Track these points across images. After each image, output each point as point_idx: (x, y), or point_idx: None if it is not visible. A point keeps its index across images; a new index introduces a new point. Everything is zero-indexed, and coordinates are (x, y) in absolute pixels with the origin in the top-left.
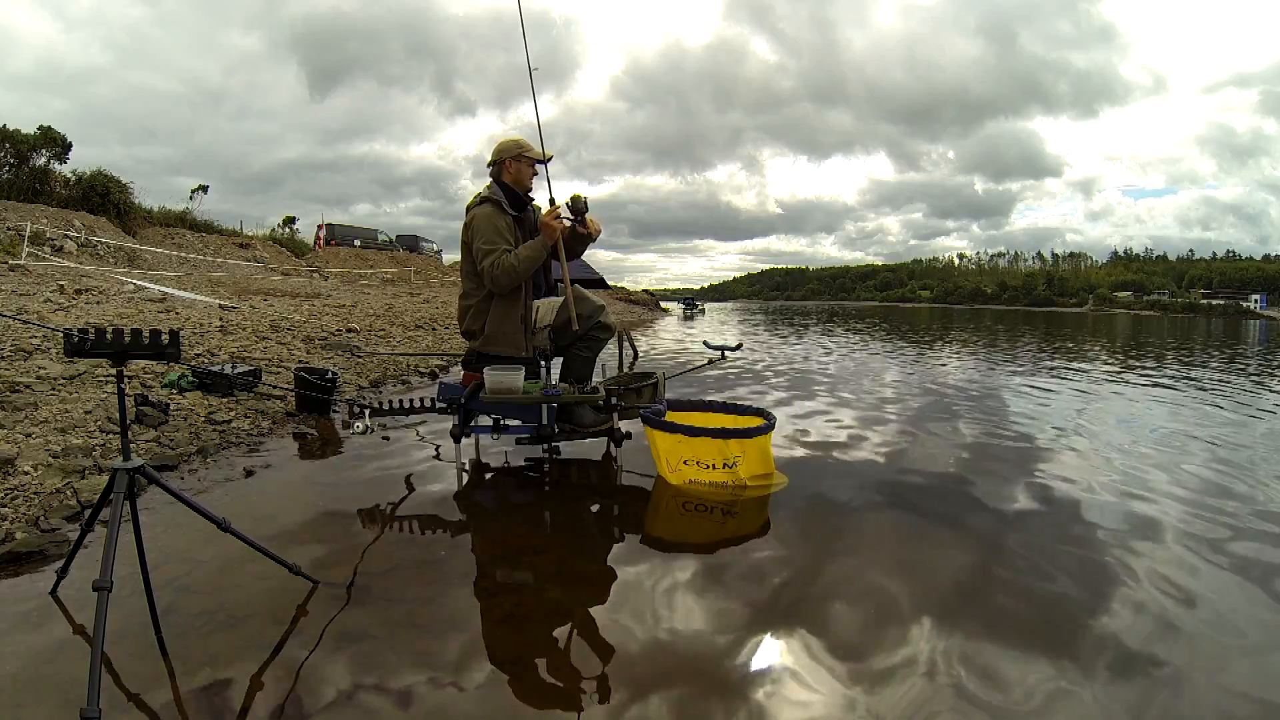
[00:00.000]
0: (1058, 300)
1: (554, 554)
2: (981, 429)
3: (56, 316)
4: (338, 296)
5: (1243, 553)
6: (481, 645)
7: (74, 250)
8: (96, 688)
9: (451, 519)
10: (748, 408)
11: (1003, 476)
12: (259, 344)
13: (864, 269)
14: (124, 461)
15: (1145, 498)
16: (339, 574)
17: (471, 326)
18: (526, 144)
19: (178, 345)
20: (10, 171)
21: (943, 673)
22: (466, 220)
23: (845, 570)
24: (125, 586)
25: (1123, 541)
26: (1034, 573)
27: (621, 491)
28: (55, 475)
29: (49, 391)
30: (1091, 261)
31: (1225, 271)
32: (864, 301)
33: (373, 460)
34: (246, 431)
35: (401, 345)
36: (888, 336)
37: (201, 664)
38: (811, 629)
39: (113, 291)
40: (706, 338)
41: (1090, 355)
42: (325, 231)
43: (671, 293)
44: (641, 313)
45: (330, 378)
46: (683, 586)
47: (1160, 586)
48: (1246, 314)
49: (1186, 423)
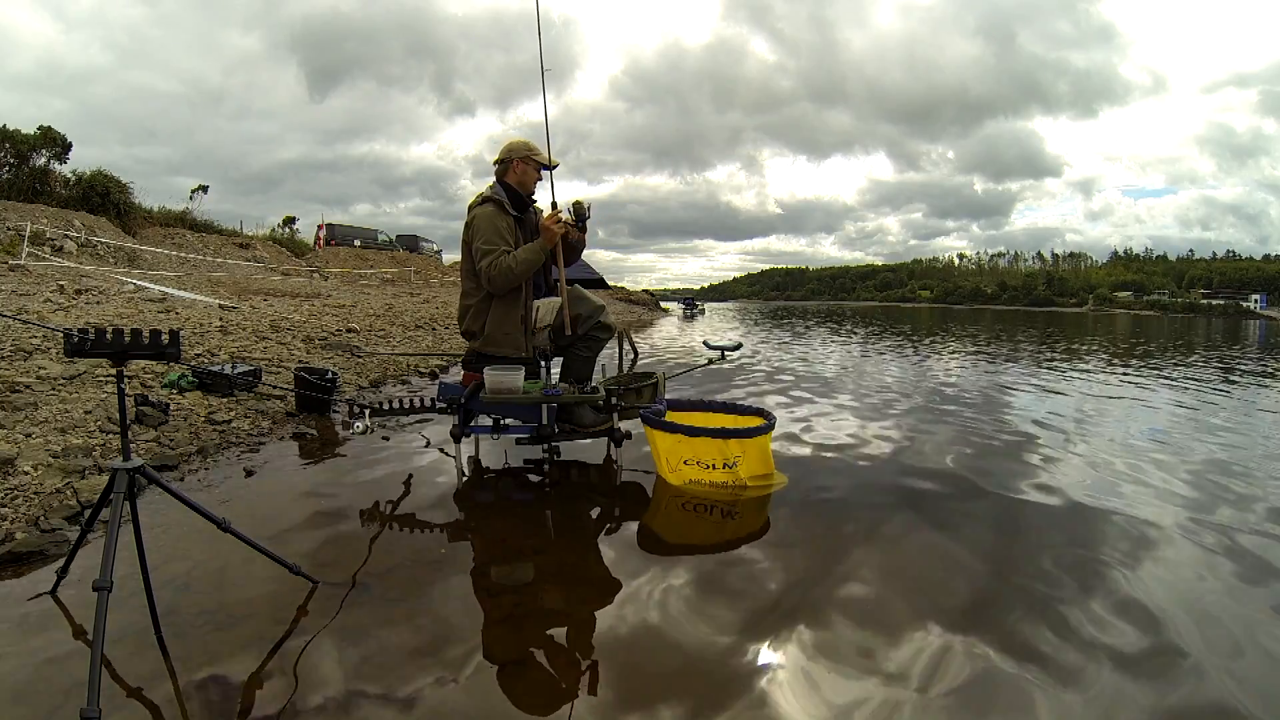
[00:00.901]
0: (1058, 300)
1: (554, 554)
2: (982, 429)
3: (56, 316)
4: (338, 296)
5: (1244, 553)
6: (481, 645)
7: (74, 250)
8: (96, 688)
9: (451, 519)
10: (748, 407)
11: (1003, 476)
12: (259, 344)
13: (864, 269)
14: (124, 461)
15: (1146, 497)
16: (339, 574)
17: (471, 327)
18: (536, 148)
19: (178, 345)
20: (10, 171)
21: (943, 673)
22: (468, 219)
23: (845, 570)
24: (125, 586)
25: (1124, 542)
26: (1035, 572)
27: (621, 491)
28: (55, 475)
29: (49, 391)
30: (1091, 261)
31: (1225, 271)
32: (864, 301)
33: (373, 460)
34: (246, 431)
35: (401, 345)
36: (888, 336)
37: (201, 664)
38: (811, 629)
39: (113, 291)
40: (706, 338)
41: (1090, 355)
42: (325, 231)
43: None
44: (641, 313)
45: (330, 378)
46: (682, 586)
47: (1160, 586)
48: (1246, 314)
49: (1187, 422)
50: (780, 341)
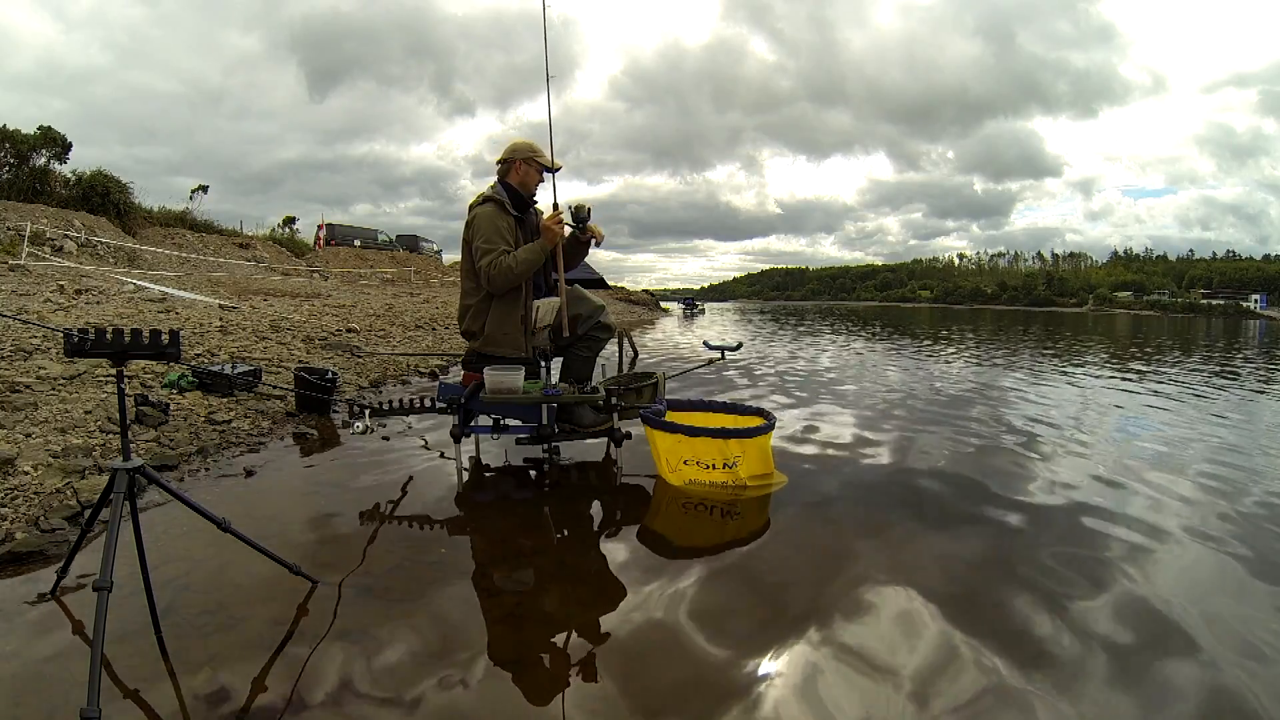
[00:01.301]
0: (1058, 300)
1: (554, 554)
2: (982, 428)
3: (56, 316)
4: (338, 296)
5: (1244, 552)
6: (481, 645)
7: (74, 250)
8: (96, 688)
9: (451, 519)
10: (748, 407)
11: (1003, 476)
12: (259, 344)
13: (864, 269)
14: (124, 461)
15: (1147, 496)
16: (339, 574)
17: (471, 326)
18: (539, 149)
19: (178, 345)
20: (10, 171)
21: (945, 675)
22: (469, 219)
23: (845, 570)
24: (125, 586)
25: (1125, 542)
26: (1038, 573)
27: (621, 491)
28: (55, 475)
29: (49, 391)
30: (1091, 261)
31: (1225, 271)
32: (864, 301)
33: (372, 460)
34: (246, 431)
35: (401, 345)
36: (888, 336)
37: (201, 664)
38: (811, 629)
39: (113, 291)
40: (706, 338)
41: (1090, 355)
42: (325, 231)
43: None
44: (641, 313)
45: (330, 378)
46: (682, 587)
47: (1161, 586)
48: (1246, 314)
49: (1187, 421)
50: (781, 341)
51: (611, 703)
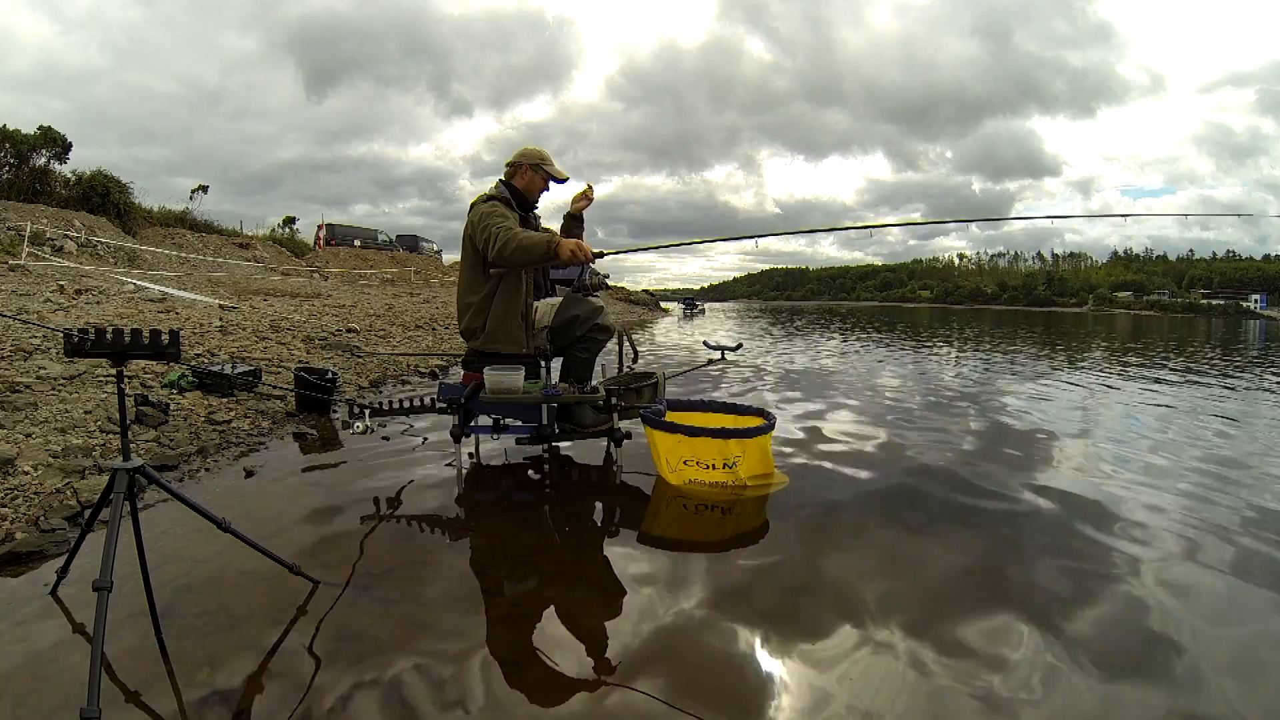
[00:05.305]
0: (1058, 300)
1: (554, 554)
2: (982, 428)
3: (56, 316)
4: (338, 296)
5: (1246, 551)
6: (481, 645)
7: (74, 250)
8: (96, 688)
9: (451, 519)
10: (748, 407)
11: (1003, 476)
12: (259, 344)
13: (864, 269)
14: (124, 461)
15: (1146, 496)
16: (339, 574)
17: (472, 324)
18: (549, 158)
19: (178, 345)
20: (10, 171)
21: (942, 674)
22: (471, 215)
23: (845, 570)
24: (125, 586)
25: (1125, 542)
26: (1035, 572)
27: (621, 491)
28: (55, 475)
29: (49, 391)
30: (1091, 261)
31: (1225, 271)
32: (864, 301)
33: (372, 460)
34: (246, 431)
35: (401, 345)
36: (888, 336)
37: (201, 664)
38: (811, 629)
39: (113, 291)
40: (706, 338)
41: (1090, 355)
42: (325, 231)
43: (671, 293)
44: (641, 313)
45: (330, 378)
46: (682, 586)
47: (1161, 586)
48: (1246, 314)
49: (1188, 421)
50: (781, 341)
51: (611, 702)
